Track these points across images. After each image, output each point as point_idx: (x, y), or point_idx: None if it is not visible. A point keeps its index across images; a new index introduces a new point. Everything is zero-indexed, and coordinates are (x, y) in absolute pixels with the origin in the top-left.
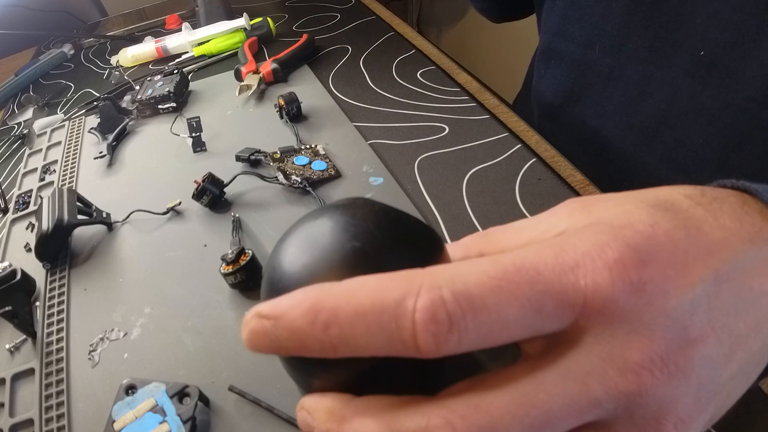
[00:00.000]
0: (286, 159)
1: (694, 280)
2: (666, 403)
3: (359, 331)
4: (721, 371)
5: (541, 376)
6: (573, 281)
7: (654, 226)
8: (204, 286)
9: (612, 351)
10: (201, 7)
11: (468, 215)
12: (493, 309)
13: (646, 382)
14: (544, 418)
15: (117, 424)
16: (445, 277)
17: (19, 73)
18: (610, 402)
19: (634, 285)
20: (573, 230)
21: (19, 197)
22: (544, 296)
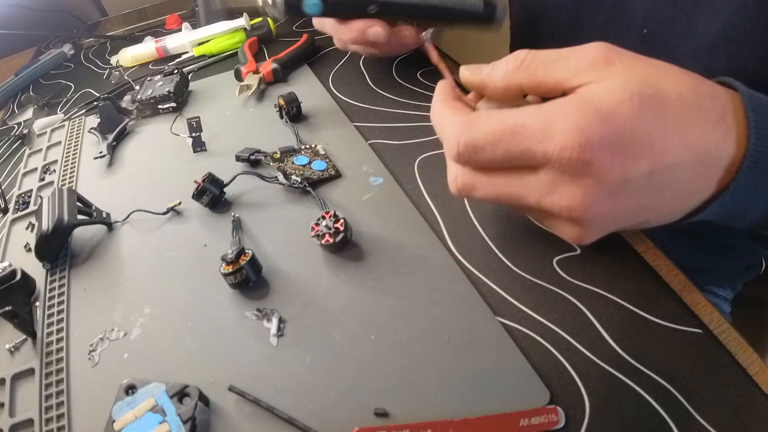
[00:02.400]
0: (286, 159)
1: (635, 174)
2: (581, 180)
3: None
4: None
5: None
6: (545, 149)
7: (630, 121)
8: (204, 286)
9: (557, 174)
10: (201, 7)
11: (468, 215)
12: (489, 153)
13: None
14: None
15: (117, 424)
16: (467, 130)
17: (19, 73)
18: (545, 158)
19: (587, 163)
20: (565, 104)
21: (19, 197)
22: (524, 152)
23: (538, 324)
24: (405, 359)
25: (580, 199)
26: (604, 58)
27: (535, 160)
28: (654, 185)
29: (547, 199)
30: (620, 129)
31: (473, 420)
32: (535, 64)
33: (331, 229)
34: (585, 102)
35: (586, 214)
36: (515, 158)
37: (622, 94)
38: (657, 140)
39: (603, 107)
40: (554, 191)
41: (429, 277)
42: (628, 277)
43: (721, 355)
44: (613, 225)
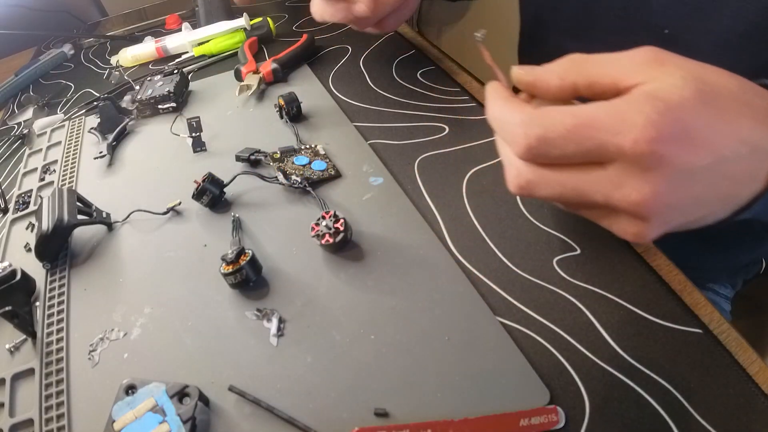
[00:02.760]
0: (286, 159)
1: (698, 167)
2: (650, 172)
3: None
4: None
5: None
6: (619, 142)
7: (693, 115)
8: (204, 286)
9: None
10: (201, 7)
11: (468, 215)
12: (560, 147)
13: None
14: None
15: (117, 424)
16: (539, 124)
17: (19, 73)
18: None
19: (658, 156)
20: (636, 98)
21: (19, 197)
22: (596, 146)
23: (538, 324)
24: (405, 359)
25: (650, 193)
26: (656, 59)
27: (607, 154)
28: (713, 177)
29: (615, 194)
30: (687, 122)
31: (473, 420)
32: (589, 64)
33: (331, 229)
34: (654, 97)
35: (653, 208)
36: (586, 153)
37: (683, 90)
38: (715, 133)
39: (671, 102)
40: (624, 186)
41: (429, 277)
42: (628, 277)
43: (721, 355)
44: (673, 221)
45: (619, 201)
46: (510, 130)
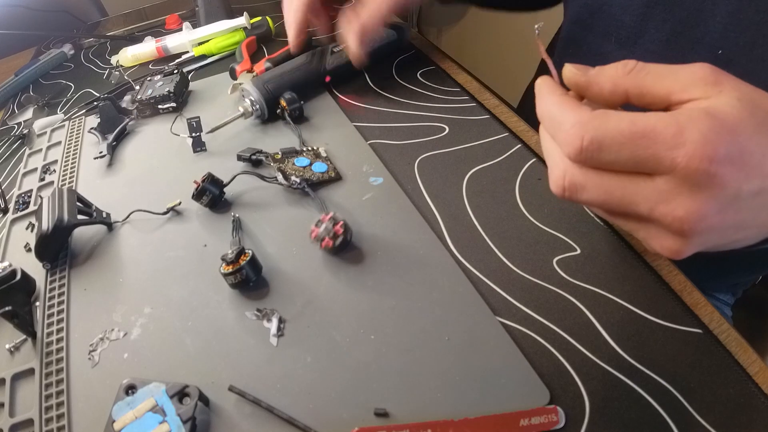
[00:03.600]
0: (287, 160)
1: (747, 192)
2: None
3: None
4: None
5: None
6: (674, 156)
7: (750, 139)
8: (204, 286)
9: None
10: (201, 7)
11: (468, 215)
12: (614, 152)
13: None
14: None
15: (117, 424)
16: (596, 127)
17: (19, 73)
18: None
19: (711, 175)
20: (693, 113)
21: (19, 197)
22: (651, 157)
23: (538, 324)
24: (405, 359)
25: (696, 211)
26: (714, 77)
27: (660, 166)
28: (758, 204)
29: (661, 208)
30: (742, 145)
31: (473, 420)
32: (644, 73)
33: (331, 232)
34: (711, 116)
35: (696, 227)
36: (639, 162)
37: (741, 112)
38: (767, 160)
39: (728, 122)
40: (671, 200)
41: (429, 277)
42: (628, 277)
43: (721, 355)
44: (711, 241)
45: (663, 215)
46: (564, 129)
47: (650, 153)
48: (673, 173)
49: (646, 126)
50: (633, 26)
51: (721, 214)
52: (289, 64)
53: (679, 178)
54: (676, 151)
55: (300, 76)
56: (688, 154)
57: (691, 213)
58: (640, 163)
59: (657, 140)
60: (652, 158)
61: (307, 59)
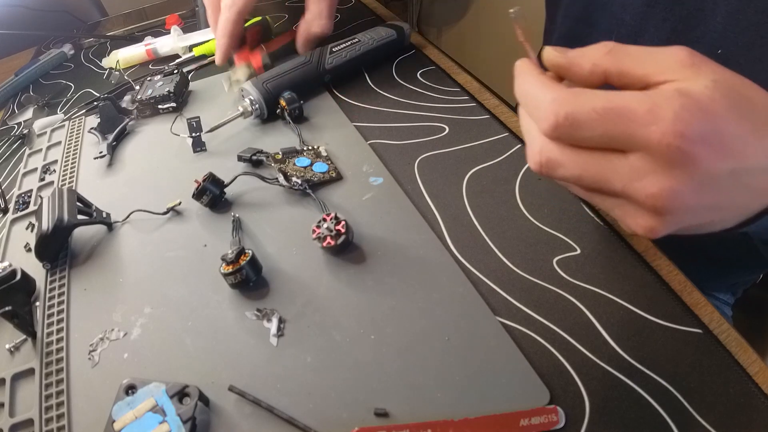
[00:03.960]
0: (288, 160)
1: (721, 172)
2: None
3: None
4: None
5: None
6: (647, 133)
7: (723, 118)
8: (204, 286)
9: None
10: (201, 6)
11: (468, 215)
12: (588, 129)
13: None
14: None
15: (117, 424)
16: (570, 103)
17: (19, 73)
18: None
19: (683, 153)
20: (667, 93)
21: (19, 197)
22: (624, 134)
23: (538, 324)
24: (405, 359)
25: (669, 189)
26: (691, 60)
27: (634, 143)
28: (732, 185)
29: (635, 185)
30: (716, 125)
31: (473, 420)
32: (623, 54)
33: (333, 231)
34: (685, 95)
35: (669, 204)
36: (613, 138)
37: (715, 93)
38: (741, 141)
39: (702, 102)
40: (644, 177)
41: (429, 277)
42: (628, 277)
43: (721, 355)
44: (687, 221)
45: (637, 191)
46: (539, 106)
47: (623, 129)
48: (647, 150)
49: (621, 103)
50: (633, 25)
51: (697, 193)
52: (289, 63)
53: (652, 156)
54: (649, 128)
55: (299, 76)
56: (660, 131)
57: (664, 190)
58: (614, 139)
59: (630, 117)
60: (625, 135)
61: (307, 58)
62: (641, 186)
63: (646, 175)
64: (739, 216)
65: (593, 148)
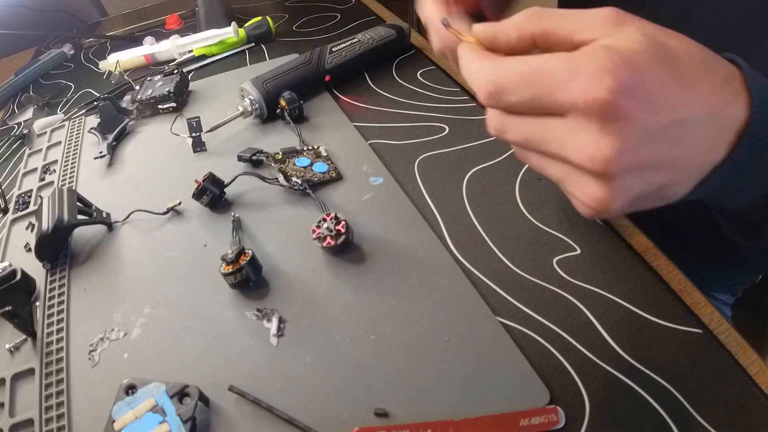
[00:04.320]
0: (288, 160)
1: (656, 126)
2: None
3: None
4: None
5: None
6: (569, 89)
7: (650, 71)
8: (204, 286)
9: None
10: (201, 7)
11: (468, 215)
12: (515, 94)
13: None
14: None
15: (117, 424)
16: (494, 70)
17: (19, 73)
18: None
19: (612, 106)
20: (590, 48)
21: (19, 197)
22: (548, 93)
23: (538, 324)
24: (405, 359)
25: (605, 147)
26: (617, 18)
27: (561, 102)
28: (671, 139)
29: (569, 145)
30: (642, 77)
31: (473, 420)
32: (547, 15)
33: (333, 231)
34: (609, 48)
35: (609, 165)
36: (539, 99)
37: (641, 45)
38: (672, 93)
39: (626, 54)
40: (576, 137)
41: (429, 277)
42: (628, 277)
43: (721, 355)
44: (633, 186)
45: (573, 153)
46: (473, 79)
47: (546, 89)
48: (574, 108)
49: (540, 63)
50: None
51: (634, 151)
52: (289, 63)
53: (581, 114)
54: (571, 85)
55: (299, 76)
56: (582, 85)
57: (600, 150)
58: (540, 100)
59: (551, 77)
60: (548, 94)
61: (307, 58)
62: (576, 146)
63: (578, 135)
64: (689, 177)
65: (531, 113)
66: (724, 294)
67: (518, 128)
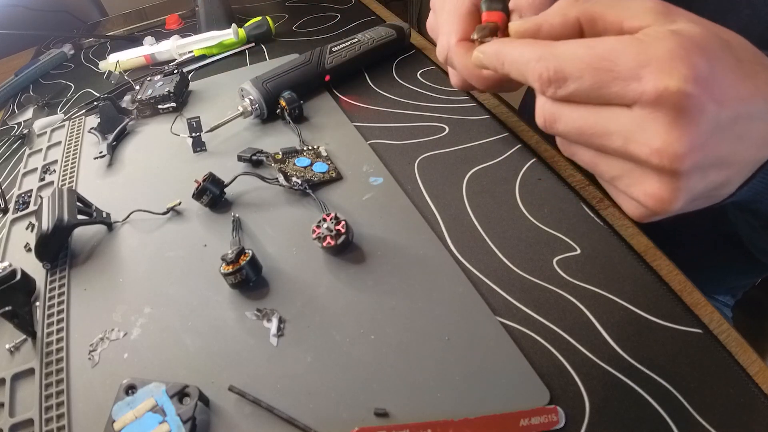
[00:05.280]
0: (288, 160)
1: (726, 119)
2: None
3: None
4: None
5: None
6: (639, 76)
7: (719, 60)
8: (204, 286)
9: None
10: (201, 7)
11: (468, 215)
12: (576, 81)
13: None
14: None
15: (117, 424)
16: (554, 56)
17: (19, 73)
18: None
19: (685, 96)
20: (657, 32)
21: (19, 197)
22: (615, 81)
23: (538, 324)
24: (405, 359)
25: (676, 141)
26: (665, 8)
27: (629, 91)
28: (735, 134)
29: (634, 138)
30: (713, 66)
31: (473, 420)
32: (593, 0)
33: (333, 231)
34: (678, 33)
35: (679, 161)
36: (604, 87)
37: (704, 32)
38: (739, 85)
39: (696, 39)
40: (645, 129)
41: (429, 277)
42: (628, 277)
43: (721, 355)
44: (696, 186)
45: (639, 147)
46: (527, 64)
47: (612, 76)
48: (643, 97)
49: (605, 47)
50: None
51: (704, 147)
52: (289, 63)
53: (650, 104)
54: (642, 71)
55: (299, 76)
56: (655, 72)
57: (671, 144)
58: (605, 88)
59: (618, 61)
60: (615, 82)
61: (307, 58)
62: (642, 140)
63: (647, 127)
64: (742, 175)
65: (590, 102)
66: (724, 296)
67: (574, 119)
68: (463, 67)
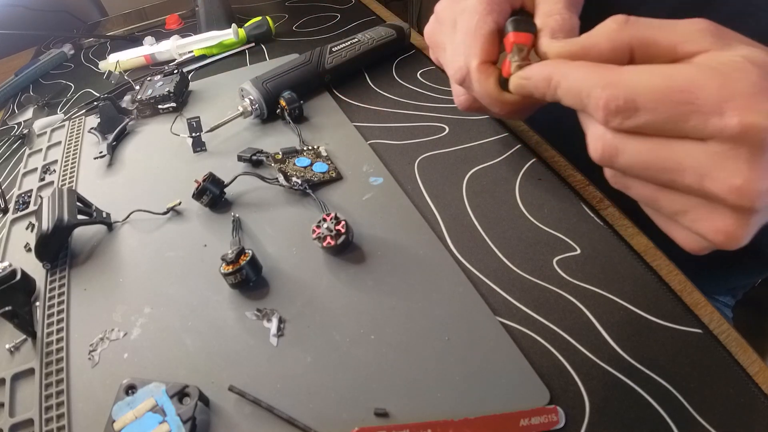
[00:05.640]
0: (288, 160)
1: None
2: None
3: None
4: None
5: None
6: (723, 111)
7: None
8: (204, 286)
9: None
10: (201, 7)
11: (468, 215)
12: (649, 113)
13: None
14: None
15: (117, 424)
16: (624, 85)
17: (19, 73)
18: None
19: (766, 134)
20: (732, 62)
21: (19, 197)
22: (694, 114)
23: (538, 324)
24: (405, 359)
25: (757, 179)
26: (715, 29)
27: (708, 125)
28: None
29: (713, 175)
30: None
31: (473, 420)
32: (640, 24)
33: (333, 231)
34: (755, 63)
35: (757, 199)
36: (680, 120)
37: (762, 53)
38: None
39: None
40: (725, 166)
41: (429, 277)
42: (628, 277)
43: (721, 355)
44: (764, 219)
45: (717, 184)
46: (590, 94)
47: (692, 109)
48: (725, 132)
49: (685, 79)
50: None
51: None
52: (289, 63)
53: (729, 140)
54: (725, 105)
55: (299, 76)
56: (740, 108)
57: (751, 181)
58: (682, 122)
59: (699, 94)
60: (694, 116)
61: (307, 58)
62: (722, 177)
63: (727, 164)
64: None
65: (659, 135)
66: (724, 296)
67: (640, 152)
68: (485, 92)
